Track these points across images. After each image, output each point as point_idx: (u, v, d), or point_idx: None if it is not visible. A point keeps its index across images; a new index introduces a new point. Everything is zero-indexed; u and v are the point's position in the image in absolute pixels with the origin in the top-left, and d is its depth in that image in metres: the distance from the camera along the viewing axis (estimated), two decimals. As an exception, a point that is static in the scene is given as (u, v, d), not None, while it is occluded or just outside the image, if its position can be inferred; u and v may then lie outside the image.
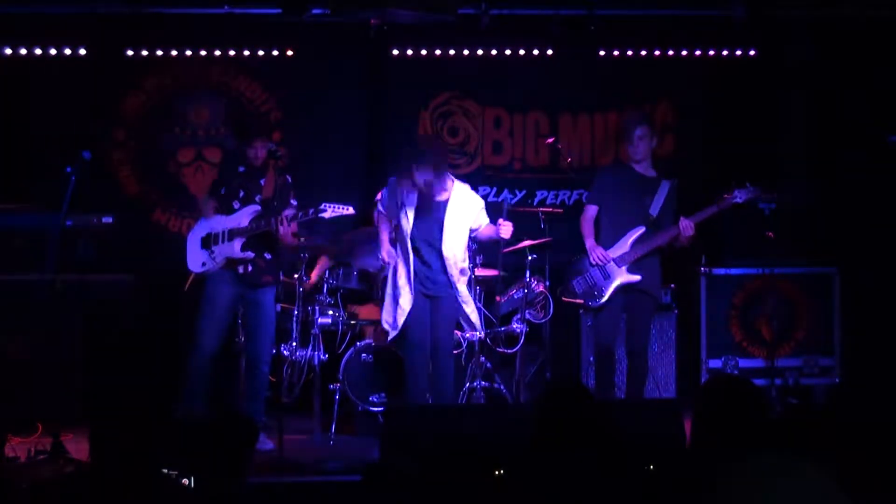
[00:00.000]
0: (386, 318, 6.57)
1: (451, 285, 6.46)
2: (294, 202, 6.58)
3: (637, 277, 6.70)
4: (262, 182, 6.55)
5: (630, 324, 6.86)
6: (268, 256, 6.55)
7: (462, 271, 6.49)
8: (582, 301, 6.86)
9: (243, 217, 6.48)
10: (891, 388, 6.72)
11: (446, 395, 6.50)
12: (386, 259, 6.57)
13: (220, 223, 6.52)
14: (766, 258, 7.42)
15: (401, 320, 6.46)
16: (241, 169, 6.57)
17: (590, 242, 6.82)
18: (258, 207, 6.49)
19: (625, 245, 6.73)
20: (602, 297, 6.74)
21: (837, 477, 2.98)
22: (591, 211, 6.89)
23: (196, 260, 6.56)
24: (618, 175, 6.89)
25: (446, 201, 6.45)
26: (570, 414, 3.52)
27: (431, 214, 6.43)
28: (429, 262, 6.47)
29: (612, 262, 6.72)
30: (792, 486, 2.90)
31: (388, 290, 6.58)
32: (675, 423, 5.16)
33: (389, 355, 6.99)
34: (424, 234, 6.45)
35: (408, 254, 6.44)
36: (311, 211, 6.43)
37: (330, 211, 6.42)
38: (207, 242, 6.52)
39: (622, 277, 6.71)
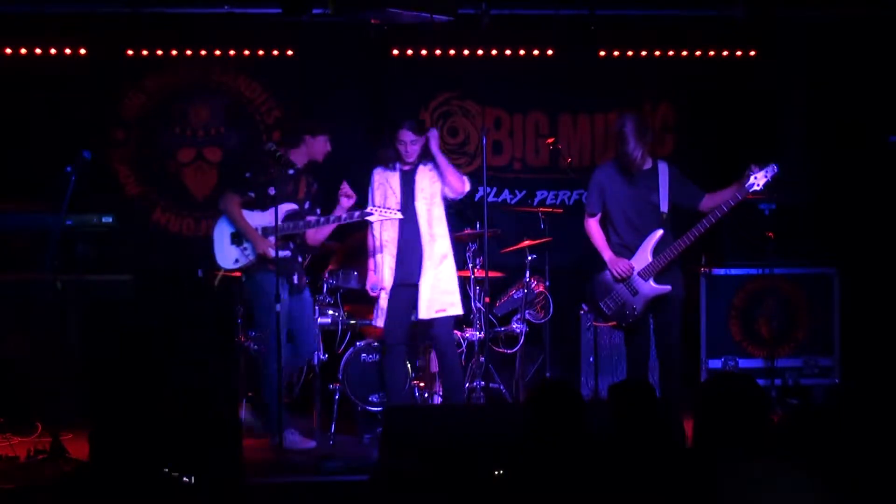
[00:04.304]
0: None
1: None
2: (318, 210, 6.51)
3: (667, 288, 6.27)
4: (300, 184, 6.51)
5: (658, 324, 6.38)
6: (300, 259, 6.54)
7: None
8: (616, 322, 6.43)
9: (279, 214, 6.19)
10: (891, 388, 6.72)
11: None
12: None
13: (253, 220, 6.38)
14: (766, 258, 7.42)
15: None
16: (291, 172, 6.39)
17: (608, 255, 6.32)
18: (294, 206, 6.42)
19: (645, 254, 6.26)
20: (636, 314, 6.30)
21: (836, 478, 2.98)
22: (595, 220, 6.43)
23: (227, 256, 6.41)
24: (614, 175, 6.40)
25: None
26: (555, 409, 3.58)
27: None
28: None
29: (636, 275, 6.27)
30: (790, 486, 2.90)
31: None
32: (674, 423, 5.16)
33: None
34: None
35: None
36: (357, 213, 6.27)
37: (377, 214, 6.25)
38: (239, 238, 6.40)
39: (651, 291, 6.27)
